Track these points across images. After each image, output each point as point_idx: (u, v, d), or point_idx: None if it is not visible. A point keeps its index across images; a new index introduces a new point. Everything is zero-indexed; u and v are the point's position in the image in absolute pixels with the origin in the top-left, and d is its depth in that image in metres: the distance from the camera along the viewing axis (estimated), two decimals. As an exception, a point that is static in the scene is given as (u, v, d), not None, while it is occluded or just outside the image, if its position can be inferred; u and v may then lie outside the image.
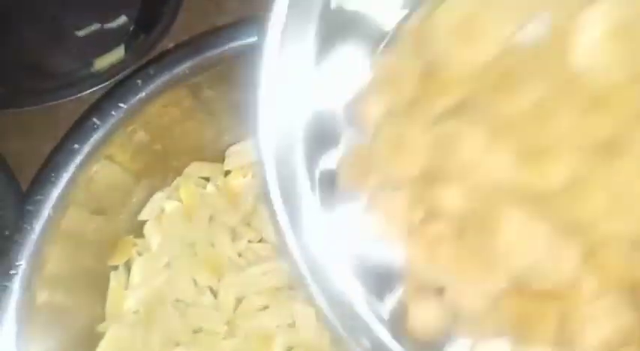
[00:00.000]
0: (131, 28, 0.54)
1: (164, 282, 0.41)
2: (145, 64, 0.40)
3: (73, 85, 0.50)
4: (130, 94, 0.36)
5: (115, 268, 0.42)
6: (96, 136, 0.36)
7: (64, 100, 0.50)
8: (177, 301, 0.41)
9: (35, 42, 0.54)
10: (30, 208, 0.34)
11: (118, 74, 0.49)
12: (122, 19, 0.54)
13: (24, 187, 0.47)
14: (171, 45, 0.52)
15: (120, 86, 0.36)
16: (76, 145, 0.35)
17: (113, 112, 0.36)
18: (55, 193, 0.35)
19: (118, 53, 0.51)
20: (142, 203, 0.42)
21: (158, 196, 0.43)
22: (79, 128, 0.36)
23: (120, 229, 0.42)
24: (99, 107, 0.36)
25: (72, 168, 0.35)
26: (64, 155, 0.35)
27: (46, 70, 0.53)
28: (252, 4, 0.54)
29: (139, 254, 0.43)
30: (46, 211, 0.35)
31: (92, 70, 0.52)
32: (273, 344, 0.38)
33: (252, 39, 0.38)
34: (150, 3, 0.54)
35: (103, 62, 0.51)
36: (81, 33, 0.54)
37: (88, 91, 0.50)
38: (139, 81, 0.37)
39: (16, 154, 0.49)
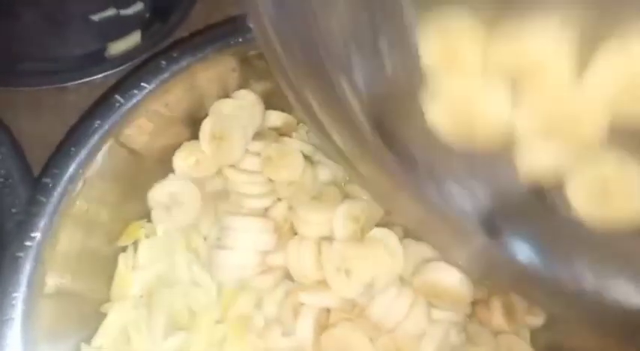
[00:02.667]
0: (147, 16, 0.54)
1: (167, 266, 0.41)
2: (169, 46, 0.40)
3: (86, 68, 0.50)
4: (153, 74, 0.36)
5: (124, 250, 0.42)
6: (117, 114, 0.36)
7: (76, 82, 0.50)
8: (179, 284, 0.41)
9: (48, 24, 0.54)
10: (47, 180, 0.34)
11: (132, 60, 0.50)
12: (138, 6, 0.54)
13: (33, 167, 0.47)
14: (186, 33, 0.53)
15: (144, 66, 0.37)
16: (98, 122, 0.35)
17: (136, 91, 0.36)
18: (73, 167, 0.35)
19: (133, 39, 0.51)
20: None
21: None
22: (101, 105, 0.36)
23: (133, 213, 0.42)
24: (122, 86, 0.36)
25: (91, 144, 0.35)
26: (85, 131, 0.35)
27: (59, 52, 0.53)
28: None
29: (147, 237, 0.42)
30: (63, 184, 0.34)
31: (106, 54, 0.52)
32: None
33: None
34: (166, -8, 0.54)
35: (117, 47, 0.51)
36: (96, 17, 0.54)
37: (101, 75, 0.50)
38: (163, 62, 0.37)
39: (26, 134, 0.49)
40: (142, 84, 0.36)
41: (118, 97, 0.36)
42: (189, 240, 0.42)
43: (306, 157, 0.43)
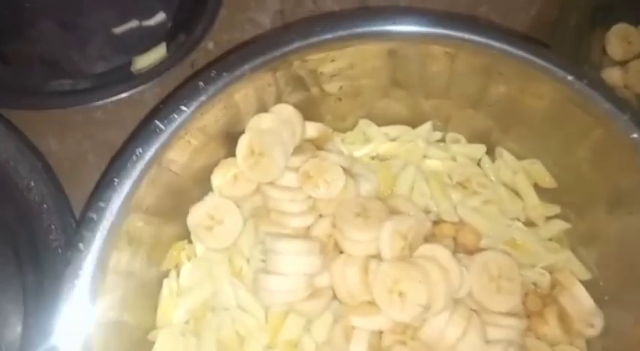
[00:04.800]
0: (169, 26, 0.53)
1: (212, 290, 0.40)
2: (205, 66, 0.39)
3: (113, 85, 0.49)
4: (192, 96, 0.35)
5: (167, 275, 0.41)
6: (159, 140, 0.34)
7: (103, 101, 0.49)
8: (226, 309, 0.40)
9: (67, 40, 0.53)
10: (92, 215, 0.33)
11: (159, 75, 0.48)
12: (160, 16, 0.53)
13: (62, 182, 0.46)
14: (211, 44, 0.51)
15: (182, 89, 0.35)
16: (139, 150, 0.34)
17: (176, 115, 0.35)
18: (118, 199, 0.33)
19: (159, 52, 0.50)
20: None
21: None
22: (142, 132, 0.34)
23: (173, 234, 0.41)
24: (162, 111, 0.35)
25: (135, 173, 0.34)
26: (127, 160, 0.34)
27: (83, 68, 0.51)
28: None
29: (188, 259, 0.42)
30: (109, 218, 0.33)
31: (132, 69, 0.50)
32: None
33: (313, 39, 0.37)
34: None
35: (143, 62, 0.50)
36: (118, 30, 0.52)
37: (128, 93, 0.49)
38: (202, 83, 0.35)
39: (54, 153, 0.48)
40: (182, 107, 0.35)
41: (158, 122, 0.34)
42: (232, 262, 0.41)
43: (345, 170, 0.42)
